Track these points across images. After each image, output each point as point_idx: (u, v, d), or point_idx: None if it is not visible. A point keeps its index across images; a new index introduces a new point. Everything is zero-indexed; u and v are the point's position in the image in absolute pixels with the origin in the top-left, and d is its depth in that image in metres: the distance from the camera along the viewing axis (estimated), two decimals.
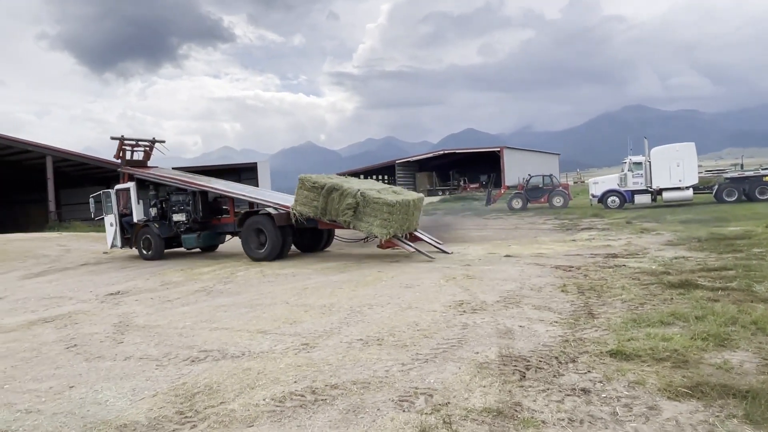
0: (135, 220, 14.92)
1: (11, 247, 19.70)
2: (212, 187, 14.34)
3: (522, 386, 3.77)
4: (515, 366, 4.17)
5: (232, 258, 13.18)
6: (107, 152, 18.50)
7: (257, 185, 41.12)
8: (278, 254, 12.34)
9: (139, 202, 15.03)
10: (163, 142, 17.10)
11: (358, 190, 11.27)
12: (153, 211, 14.85)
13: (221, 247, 15.49)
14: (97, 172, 34.21)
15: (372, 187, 12.06)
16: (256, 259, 12.38)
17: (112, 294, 9.05)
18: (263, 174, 43.23)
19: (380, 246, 11.60)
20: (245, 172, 44.57)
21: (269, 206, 12.72)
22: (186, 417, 3.61)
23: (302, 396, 3.82)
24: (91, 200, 16.41)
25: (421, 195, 12.86)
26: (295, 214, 11.85)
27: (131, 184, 15.13)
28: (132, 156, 16.19)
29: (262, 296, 7.83)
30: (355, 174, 68.11)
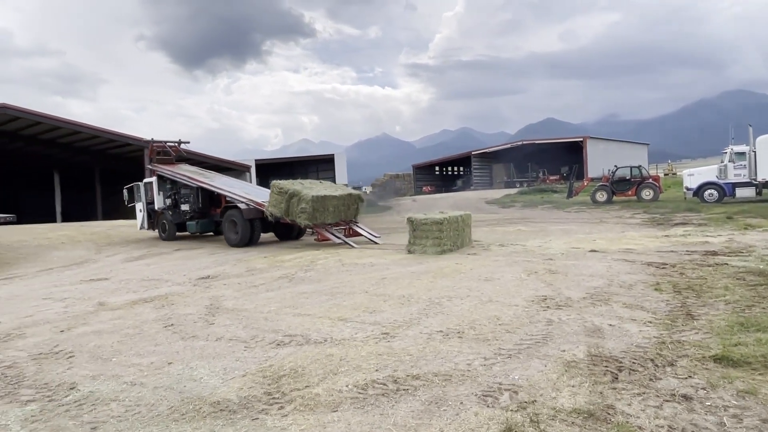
0: (156, 207, 18.34)
1: (115, 232, 21.54)
2: (203, 182, 16.65)
3: (614, 388, 3.57)
4: (606, 366, 3.95)
5: (311, 247, 13.56)
6: (196, 145, 20.98)
7: (334, 176, 42.10)
8: (247, 242, 14.79)
9: (159, 194, 18.15)
10: (188, 143, 20.67)
11: (312, 195, 13.23)
12: (168, 201, 17.97)
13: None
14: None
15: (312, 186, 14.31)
16: (231, 244, 14.98)
17: (203, 278, 9.61)
18: (340, 165, 44.11)
19: (317, 240, 14.09)
20: (322, 164, 45.70)
21: (242, 202, 14.97)
22: (273, 398, 3.74)
23: (384, 385, 3.84)
24: (125, 191, 19.89)
25: (359, 193, 15.08)
26: (267, 213, 14.04)
27: (154, 179, 18.29)
28: (162, 155, 19.32)
29: (342, 285, 7.98)
30: (431, 165, 67.79)
